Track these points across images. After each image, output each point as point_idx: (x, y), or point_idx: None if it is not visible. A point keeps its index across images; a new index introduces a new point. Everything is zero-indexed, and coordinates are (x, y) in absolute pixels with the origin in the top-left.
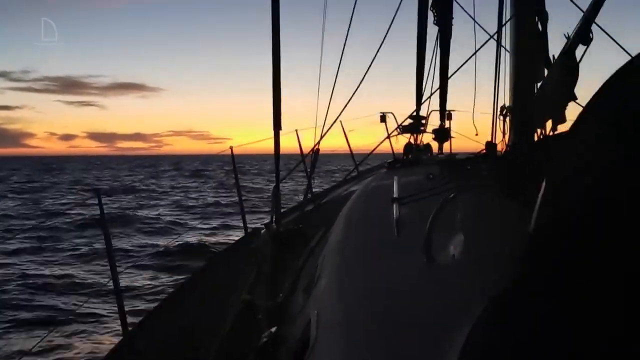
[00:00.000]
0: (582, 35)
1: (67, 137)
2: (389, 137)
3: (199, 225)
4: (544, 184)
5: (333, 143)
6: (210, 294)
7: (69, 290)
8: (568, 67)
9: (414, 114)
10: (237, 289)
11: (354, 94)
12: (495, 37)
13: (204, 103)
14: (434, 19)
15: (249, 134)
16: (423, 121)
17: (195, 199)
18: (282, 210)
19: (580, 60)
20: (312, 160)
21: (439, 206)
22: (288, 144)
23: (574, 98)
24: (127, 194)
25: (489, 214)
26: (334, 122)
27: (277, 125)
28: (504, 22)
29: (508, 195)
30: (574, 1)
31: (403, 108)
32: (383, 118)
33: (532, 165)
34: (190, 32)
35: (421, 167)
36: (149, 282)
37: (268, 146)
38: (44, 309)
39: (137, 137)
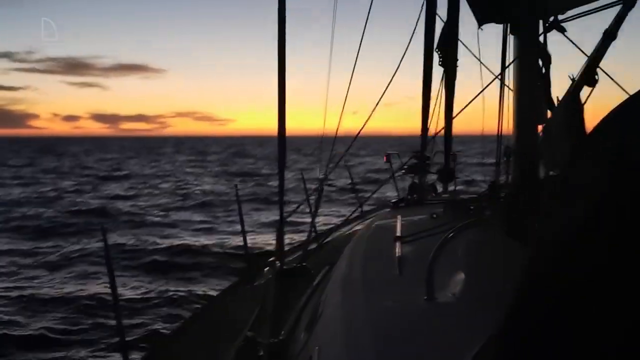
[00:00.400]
0: (587, 77)
1: (70, 118)
2: (392, 176)
3: (200, 219)
4: (539, 222)
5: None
6: (212, 330)
7: (59, 309)
8: (573, 109)
9: (419, 153)
10: (240, 326)
11: (357, 136)
12: (500, 77)
13: (208, 84)
14: (439, 61)
15: (253, 116)
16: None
17: (198, 188)
18: (286, 248)
19: (585, 102)
20: (316, 198)
21: (438, 245)
22: (294, 125)
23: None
24: (129, 180)
25: (489, 252)
26: (338, 163)
27: (282, 164)
28: (507, 63)
29: (509, 234)
30: (577, 46)
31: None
32: (388, 158)
33: (533, 206)
34: (193, 13)
35: (425, 206)
36: (146, 294)
37: (271, 127)
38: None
39: (140, 118)
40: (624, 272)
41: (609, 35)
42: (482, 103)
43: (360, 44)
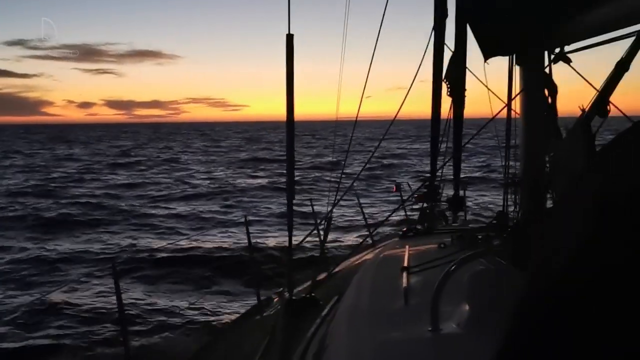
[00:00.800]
0: (599, 108)
1: (85, 105)
2: (402, 205)
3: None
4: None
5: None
6: None
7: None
8: (583, 140)
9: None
10: (250, 357)
11: (363, 168)
12: (509, 106)
13: (221, 70)
14: (448, 91)
15: (267, 101)
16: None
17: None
18: (295, 278)
19: (597, 131)
20: (325, 227)
21: (442, 276)
22: (302, 110)
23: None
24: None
25: (495, 283)
26: (346, 192)
27: (290, 194)
28: (514, 94)
29: (515, 265)
30: (587, 79)
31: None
32: (398, 187)
33: (539, 236)
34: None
35: (434, 236)
36: (146, 298)
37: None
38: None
39: (155, 104)
40: (625, 285)
41: (622, 67)
42: (494, 129)
43: (377, 39)
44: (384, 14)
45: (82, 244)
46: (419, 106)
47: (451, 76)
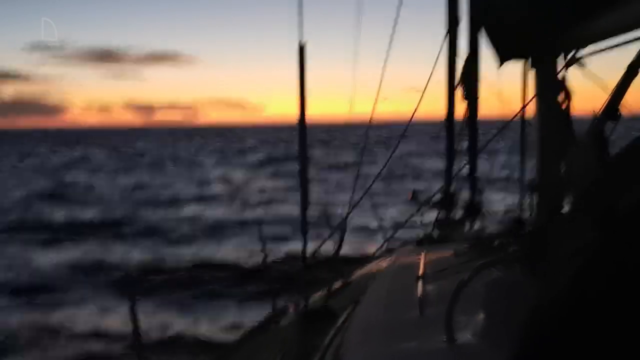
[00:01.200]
0: (610, 112)
1: (104, 109)
2: (419, 211)
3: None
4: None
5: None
6: None
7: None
8: (597, 144)
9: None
10: None
11: (375, 179)
12: (523, 111)
13: (240, 71)
14: (463, 95)
15: (285, 103)
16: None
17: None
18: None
19: (610, 135)
20: (341, 234)
21: (457, 285)
22: (321, 110)
23: None
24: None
25: (511, 292)
26: (356, 203)
27: (304, 201)
28: (527, 99)
29: (532, 273)
30: (598, 79)
31: None
32: (413, 194)
33: (555, 244)
34: (224, 1)
35: (449, 243)
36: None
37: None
38: None
39: (174, 107)
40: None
41: (633, 69)
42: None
43: (392, 38)
44: (397, 12)
45: (92, 252)
46: (438, 106)
47: (465, 81)
